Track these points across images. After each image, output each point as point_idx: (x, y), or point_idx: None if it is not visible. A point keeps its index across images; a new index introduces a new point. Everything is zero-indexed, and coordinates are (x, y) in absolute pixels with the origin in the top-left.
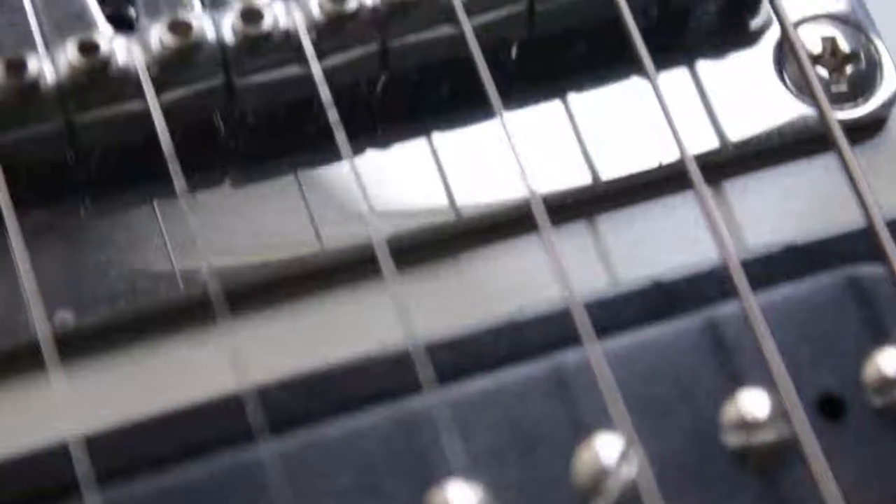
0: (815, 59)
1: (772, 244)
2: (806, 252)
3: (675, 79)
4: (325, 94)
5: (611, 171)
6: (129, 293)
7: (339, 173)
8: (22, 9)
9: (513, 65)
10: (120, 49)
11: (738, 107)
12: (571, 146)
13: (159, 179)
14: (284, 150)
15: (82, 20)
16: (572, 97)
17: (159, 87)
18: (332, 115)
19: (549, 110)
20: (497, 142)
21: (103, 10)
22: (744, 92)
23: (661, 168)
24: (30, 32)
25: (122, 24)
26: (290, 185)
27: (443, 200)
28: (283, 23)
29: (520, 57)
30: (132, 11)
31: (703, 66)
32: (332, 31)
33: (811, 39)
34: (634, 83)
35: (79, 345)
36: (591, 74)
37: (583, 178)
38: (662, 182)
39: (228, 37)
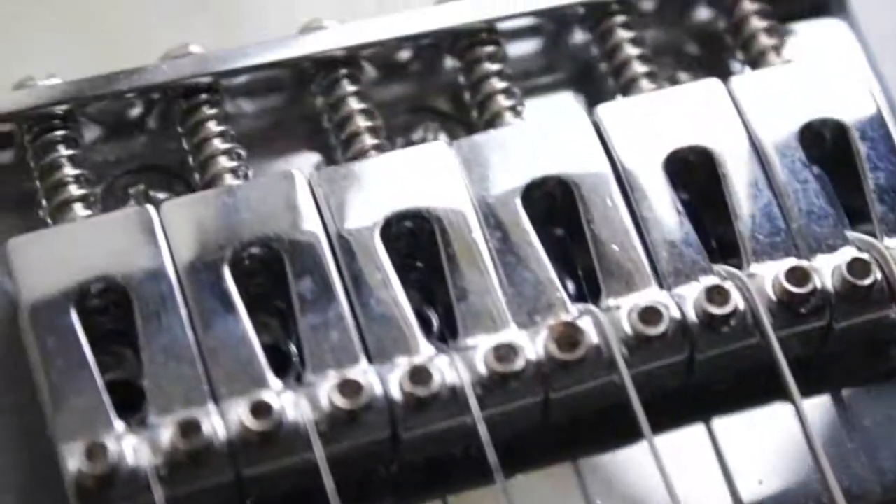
0: None
1: None
2: None
3: (823, 414)
4: (491, 455)
5: None
6: None
7: None
8: (190, 359)
9: (665, 398)
10: (289, 405)
11: (887, 448)
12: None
13: None
14: (438, 481)
15: (251, 368)
16: (720, 428)
17: (327, 442)
18: (500, 479)
19: (697, 441)
20: (651, 478)
21: (262, 339)
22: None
23: None
24: (199, 384)
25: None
26: None
27: None
28: (449, 379)
29: (674, 391)
30: (292, 346)
31: (851, 400)
32: (497, 386)
33: None
34: (784, 416)
35: None
36: (740, 407)
37: None
38: None
39: (396, 394)
